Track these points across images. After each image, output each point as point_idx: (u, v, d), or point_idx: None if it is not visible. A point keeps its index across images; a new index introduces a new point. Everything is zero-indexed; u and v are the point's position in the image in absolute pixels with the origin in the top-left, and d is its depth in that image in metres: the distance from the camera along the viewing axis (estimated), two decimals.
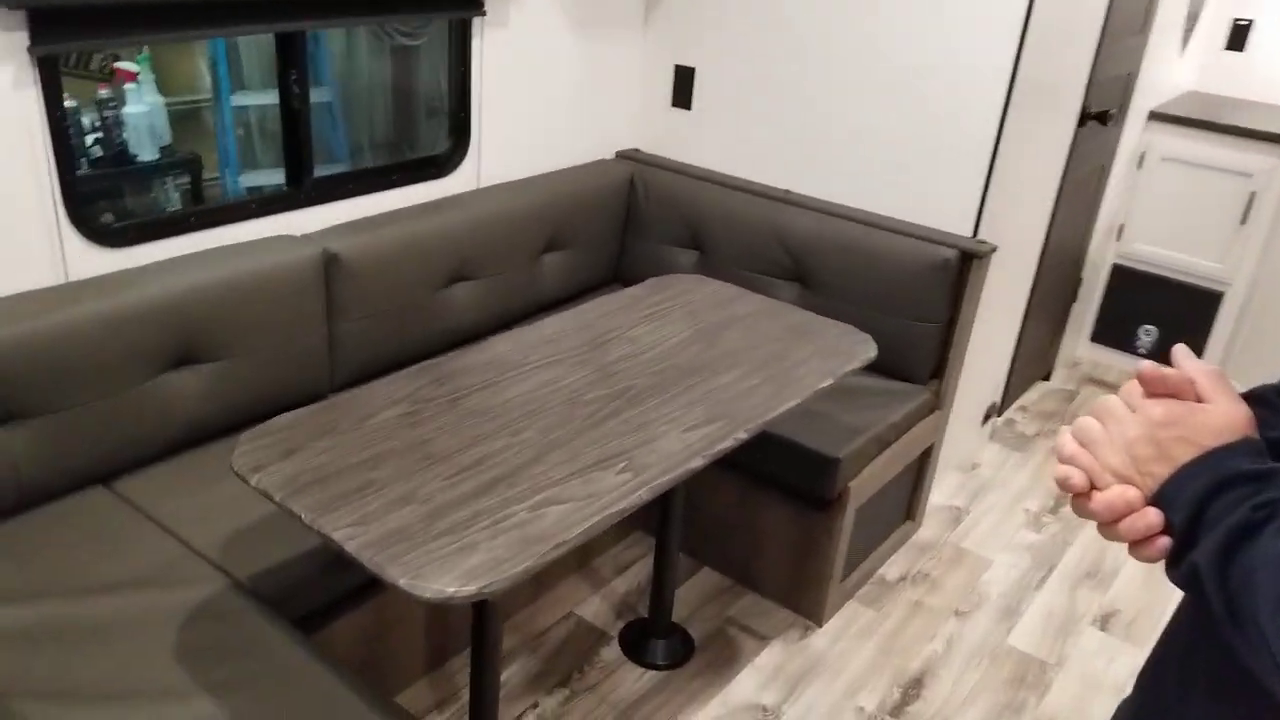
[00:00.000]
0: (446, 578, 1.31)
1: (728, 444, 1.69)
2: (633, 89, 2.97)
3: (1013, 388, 3.36)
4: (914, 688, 2.26)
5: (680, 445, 1.67)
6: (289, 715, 1.42)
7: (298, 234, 2.20)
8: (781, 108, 2.72)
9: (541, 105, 2.72)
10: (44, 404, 1.77)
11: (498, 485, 1.52)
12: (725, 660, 2.30)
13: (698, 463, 1.63)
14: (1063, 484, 0.78)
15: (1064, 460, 0.79)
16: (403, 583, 1.31)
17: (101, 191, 3.11)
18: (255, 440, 1.58)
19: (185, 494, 1.89)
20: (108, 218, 2.78)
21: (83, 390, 1.81)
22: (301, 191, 2.28)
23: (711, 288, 2.33)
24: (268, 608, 1.64)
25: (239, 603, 1.64)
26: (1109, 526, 0.76)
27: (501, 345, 1.97)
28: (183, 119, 3.38)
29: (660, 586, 2.30)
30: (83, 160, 3.01)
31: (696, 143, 2.91)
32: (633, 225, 2.93)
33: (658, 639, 2.31)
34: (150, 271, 1.95)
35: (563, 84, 2.76)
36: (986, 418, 3.21)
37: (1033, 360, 3.48)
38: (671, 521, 2.23)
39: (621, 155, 3.00)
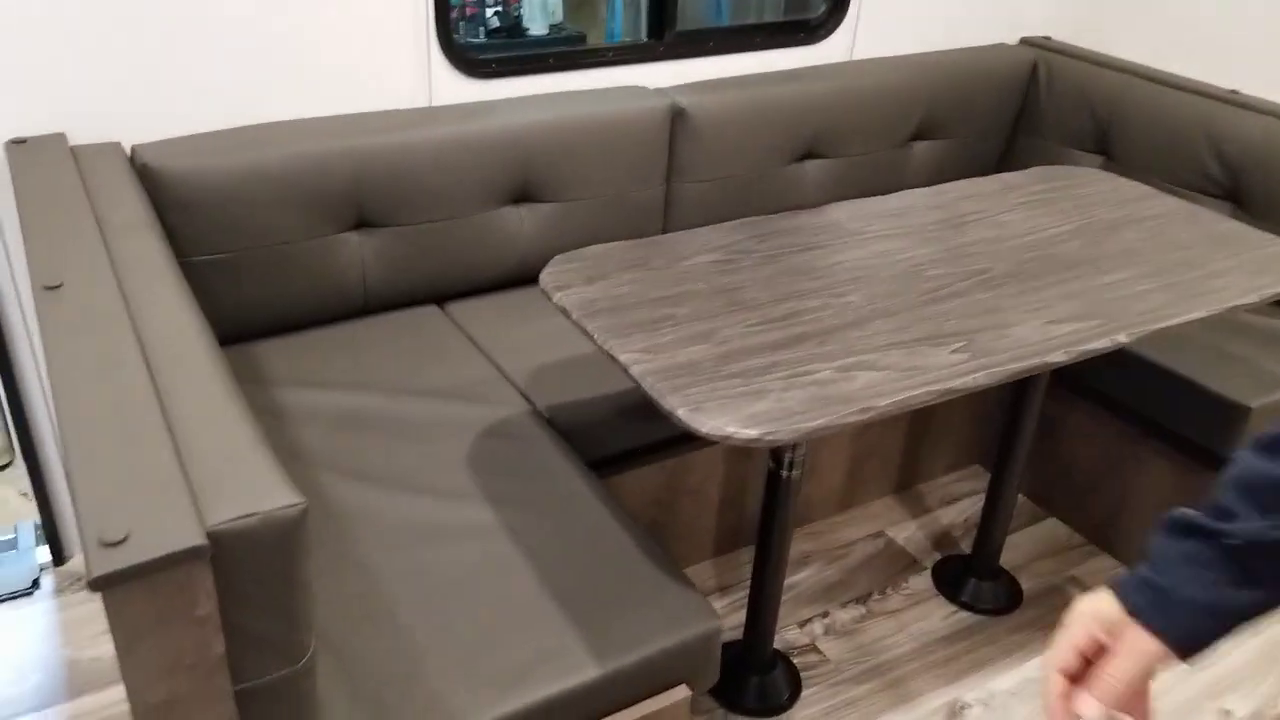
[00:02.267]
0: (728, 417, 1.17)
1: (1101, 344, 1.38)
2: None
3: None
4: None
5: (1039, 336, 1.38)
6: (564, 537, 1.37)
7: (651, 87, 2.12)
8: None
9: None
10: (395, 216, 1.84)
11: (805, 341, 1.34)
12: (1057, 619, 1.96)
13: (1058, 357, 1.34)
14: None
15: None
16: (681, 413, 1.18)
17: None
18: (566, 263, 1.52)
19: (506, 326, 1.91)
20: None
21: (430, 209, 1.86)
22: (662, 45, 2.19)
23: (1113, 184, 1.94)
24: (563, 440, 1.60)
25: (536, 430, 1.61)
26: None
27: (838, 212, 1.76)
28: None
29: (990, 525, 2.00)
30: (480, 30, 3.17)
31: (1124, 30, 2.46)
32: (1026, 120, 2.55)
33: (979, 579, 2.03)
34: (505, 104, 1.96)
35: None
36: None
37: None
38: (1014, 455, 1.91)
39: (1027, 41, 2.62)
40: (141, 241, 1.31)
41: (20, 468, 2.13)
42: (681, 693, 1.27)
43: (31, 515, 2.04)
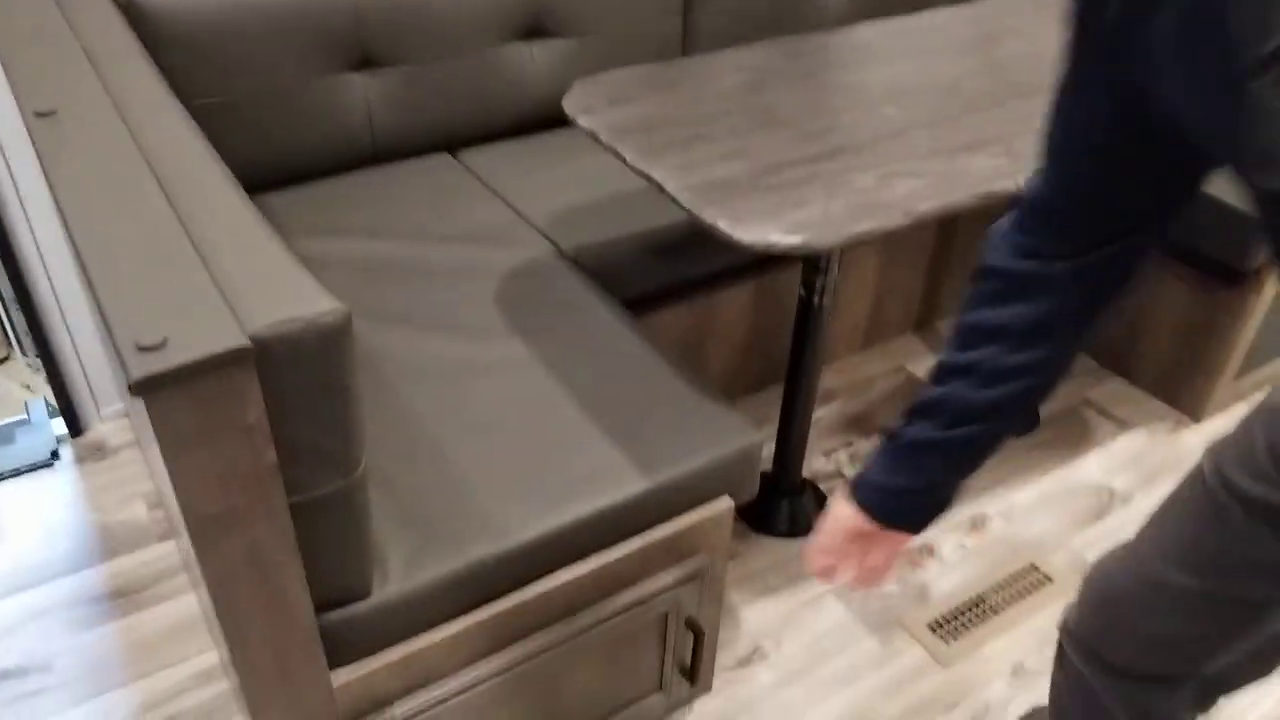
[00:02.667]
0: (770, 226, 1.12)
1: None
2: None
3: None
4: None
5: None
6: (600, 367, 1.34)
7: None
8: None
9: None
10: (399, 52, 1.75)
11: (843, 153, 1.29)
12: (1073, 439, 1.97)
13: None
14: None
15: None
16: (721, 224, 1.13)
17: None
18: (590, 85, 1.45)
19: (521, 171, 1.85)
20: None
21: (436, 44, 1.77)
22: None
23: None
24: (591, 279, 1.56)
25: (563, 269, 1.56)
26: None
27: (868, 31, 1.68)
28: None
29: None
30: None
31: None
32: None
33: None
34: None
35: None
36: None
37: None
38: None
39: None
40: (135, 70, 1.24)
41: (19, 360, 2.09)
42: (725, 504, 1.26)
43: (38, 398, 2.01)
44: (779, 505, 1.78)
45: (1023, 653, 1.60)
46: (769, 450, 1.81)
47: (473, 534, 1.10)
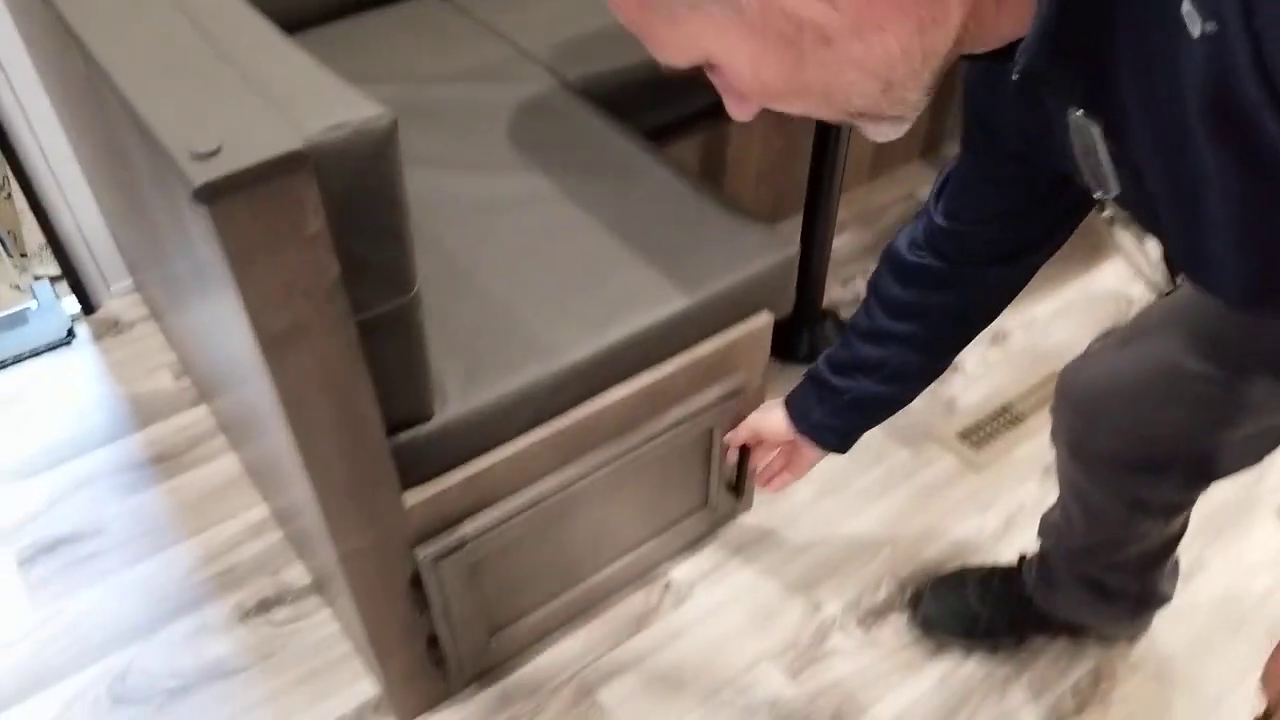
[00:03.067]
0: None
1: None
2: None
3: None
4: None
5: None
6: (626, 195, 1.32)
7: None
8: None
9: None
10: None
11: None
12: (1090, 251, 1.99)
13: None
14: None
15: None
16: None
17: None
18: None
19: (518, 6, 1.78)
20: None
21: None
22: None
23: None
24: (602, 110, 1.53)
25: (572, 102, 1.53)
26: None
27: None
28: None
29: None
30: None
31: None
32: None
33: None
34: None
35: None
36: None
37: None
38: None
39: None
40: None
41: (5, 262, 2.04)
42: (764, 318, 1.27)
43: (43, 281, 1.98)
44: (801, 334, 1.80)
45: (1053, 455, 1.65)
46: None
47: (523, 357, 1.11)
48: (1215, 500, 1.56)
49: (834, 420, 1.10)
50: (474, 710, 1.34)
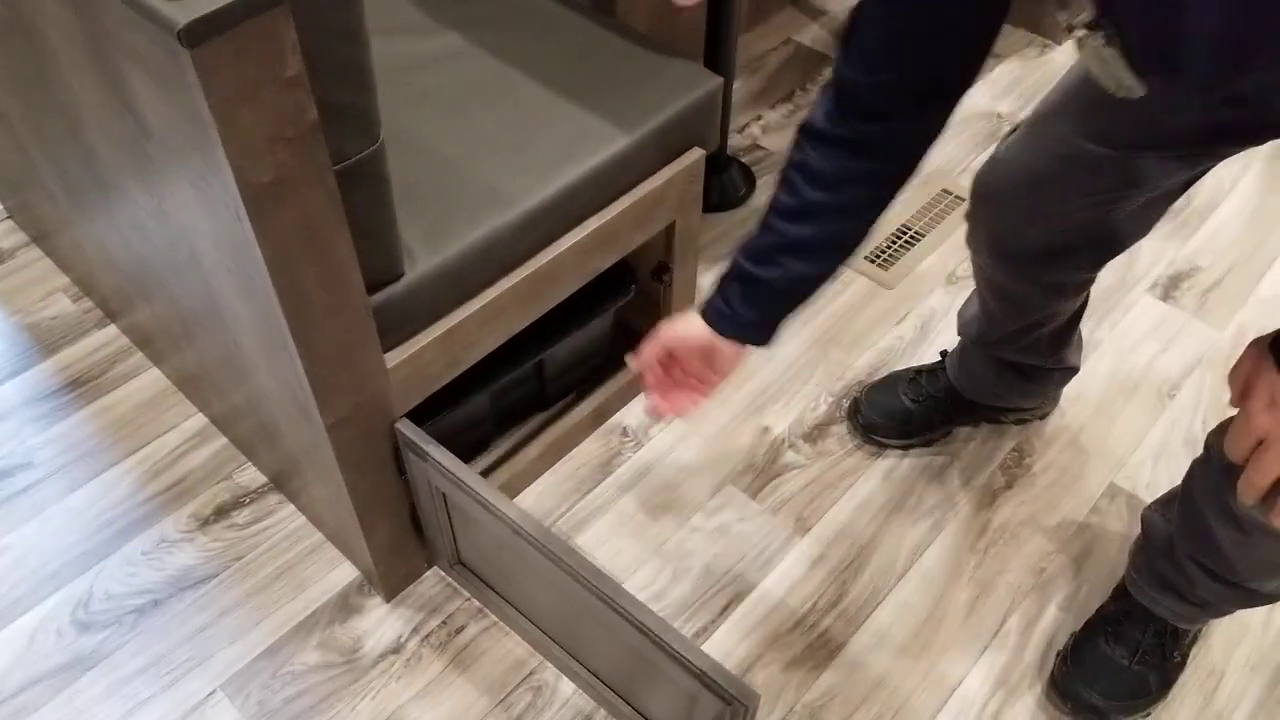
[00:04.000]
0: None
1: None
2: None
3: None
4: None
5: None
6: (551, 43, 1.31)
7: None
8: None
9: None
10: None
11: None
12: None
13: None
14: None
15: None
16: None
17: None
18: None
19: None
20: None
21: None
22: None
23: None
24: None
25: None
26: None
27: None
28: None
29: None
30: None
31: None
32: None
33: None
34: None
35: None
36: None
37: None
38: None
39: None
40: None
41: None
42: (696, 153, 1.30)
43: None
44: (710, 181, 1.84)
45: (953, 264, 1.77)
46: None
47: (481, 208, 1.11)
48: (1100, 286, 1.72)
49: (761, 315, 1.04)
50: (456, 575, 1.37)
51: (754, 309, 1.01)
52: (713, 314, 1.02)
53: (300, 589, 1.37)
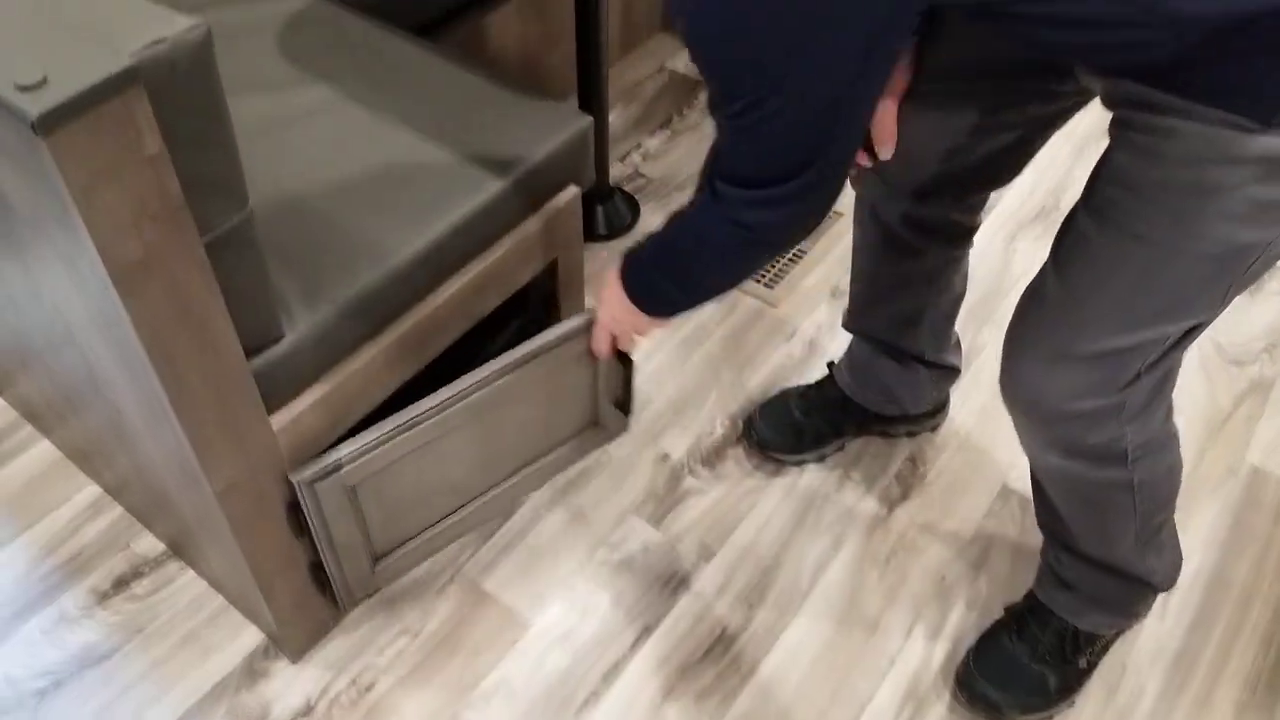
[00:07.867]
0: None
1: None
2: None
3: None
4: None
5: None
6: (415, 92, 1.32)
7: None
8: None
9: None
10: None
11: None
12: None
13: None
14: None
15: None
16: None
17: None
18: None
19: None
20: None
21: None
22: None
23: None
24: (368, 15, 1.50)
25: (333, 12, 1.50)
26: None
27: None
28: None
29: None
30: None
31: None
32: None
33: None
34: None
35: None
36: None
37: None
38: None
39: None
40: None
41: None
42: (572, 191, 1.33)
43: None
44: (595, 211, 1.88)
45: (835, 277, 1.83)
46: None
47: (356, 262, 1.12)
48: (979, 290, 1.80)
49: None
50: (365, 633, 1.37)
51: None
52: (635, 290, 1.14)
53: (205, 657, 1.35)
